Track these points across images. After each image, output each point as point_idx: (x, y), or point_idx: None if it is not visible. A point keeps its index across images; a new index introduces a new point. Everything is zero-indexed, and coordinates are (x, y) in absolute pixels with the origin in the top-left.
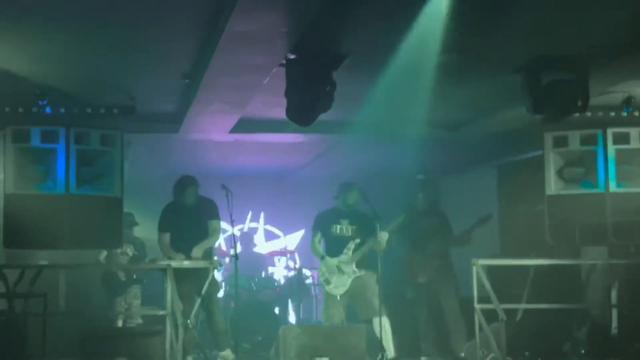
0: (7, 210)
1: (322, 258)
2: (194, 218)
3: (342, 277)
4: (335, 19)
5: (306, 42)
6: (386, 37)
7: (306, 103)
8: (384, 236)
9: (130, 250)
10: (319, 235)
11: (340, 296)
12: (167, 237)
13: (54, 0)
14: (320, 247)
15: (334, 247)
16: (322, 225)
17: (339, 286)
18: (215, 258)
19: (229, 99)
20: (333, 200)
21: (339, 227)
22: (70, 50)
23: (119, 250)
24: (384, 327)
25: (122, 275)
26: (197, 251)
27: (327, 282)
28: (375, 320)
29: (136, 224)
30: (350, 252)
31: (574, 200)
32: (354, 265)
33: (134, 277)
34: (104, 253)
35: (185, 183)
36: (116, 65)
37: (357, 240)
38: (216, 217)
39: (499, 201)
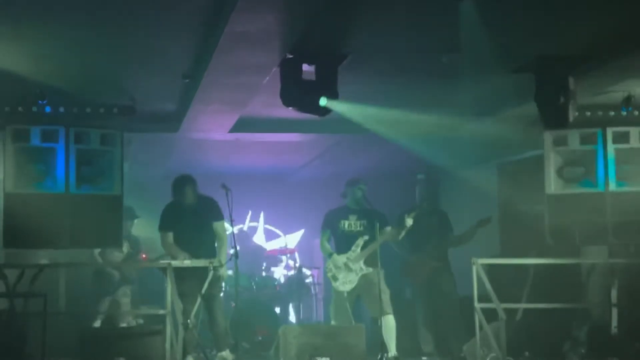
0: (7, 210)
1: (330, 256)
2: (196, 218)
3: (350, 274)
4: (335, 18)
5: (306, 42)
6: (386, 37)
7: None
8: (408, 221)
9: (125, 247)
10: (327, 234)
11: (347, 293)
12: (170, 236)
13: (54, 0)
14: (329, 246)
15: (343, 243)
16: (330, 223)
17: (346, 283)
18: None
19: (228, 99)
20: (341, 199)
21: (347, 222)
22: (70, 50)
23: None
24: (388, 326)
25: (116, 274)
26: (222, 260)
27: (335, 278)
28: (381, 319)
29: (137, 216)
30: (359, 250)
31: (574, 199)
32: (361, 263)
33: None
34: (98, 249)
35: (182, 182)
36: (116, 64)
37: (366, 237)
38: (220, 218)
39: (499, 201)
